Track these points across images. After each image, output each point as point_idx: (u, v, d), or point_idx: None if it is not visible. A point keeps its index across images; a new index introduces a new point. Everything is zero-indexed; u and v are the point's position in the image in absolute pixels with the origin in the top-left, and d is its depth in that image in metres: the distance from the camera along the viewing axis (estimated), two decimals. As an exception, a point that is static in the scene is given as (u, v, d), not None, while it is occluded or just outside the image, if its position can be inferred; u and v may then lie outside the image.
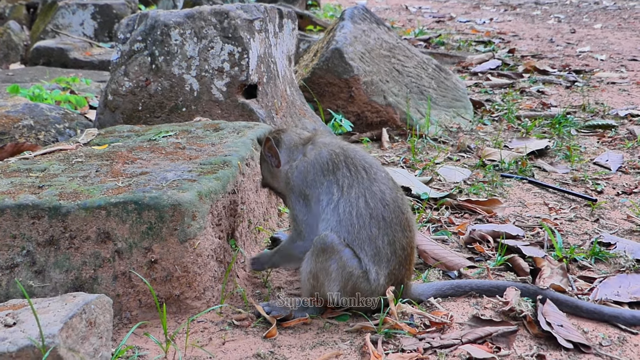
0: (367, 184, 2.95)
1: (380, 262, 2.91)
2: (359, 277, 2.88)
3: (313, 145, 3.12)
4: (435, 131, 6.05)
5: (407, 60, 6.67)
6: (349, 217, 2.90)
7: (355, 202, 2.91)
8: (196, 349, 2.76)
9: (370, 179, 2.97)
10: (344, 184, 2.95)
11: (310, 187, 3.02)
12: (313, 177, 3.01)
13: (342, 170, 2.98)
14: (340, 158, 3.01)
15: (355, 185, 2.94)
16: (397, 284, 2.97)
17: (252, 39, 4.66)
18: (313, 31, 11.11)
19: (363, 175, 2.97)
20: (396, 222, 2.94)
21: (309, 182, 3.02)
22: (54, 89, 6.59)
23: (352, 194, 2.93)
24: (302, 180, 3.03)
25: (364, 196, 2.92)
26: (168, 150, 3.58)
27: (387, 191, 2.97)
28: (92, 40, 10.14)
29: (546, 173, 5.15)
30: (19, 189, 3.08)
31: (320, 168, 3.01)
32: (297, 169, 3.06)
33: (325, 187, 2.98)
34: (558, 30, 14.13)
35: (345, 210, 2.91)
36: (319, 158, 3.03)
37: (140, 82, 4.61)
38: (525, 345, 2.81)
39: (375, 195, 2.93)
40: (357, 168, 2.98)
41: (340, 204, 2.92)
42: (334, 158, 3.01)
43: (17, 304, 2.59)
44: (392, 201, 2.96)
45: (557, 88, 8.44)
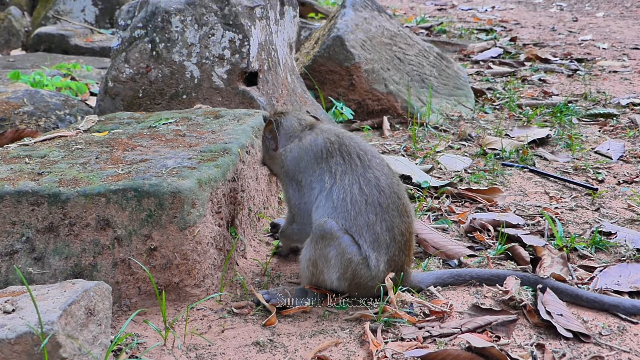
0: (361, 171, 2.96)
1: (380, 249, 2.90)
2: (358, 263, 2.88)
3: (311, 131, 3.16)
4: (436, 119, 6.03)
5: (408, 48, 6.64)
6: (344, 204, 2.91)
7: (350, 189, 2.92)
8: (195, 337, 2.76)
9: (365, 166, 2.98)
10: (337, 172, 2.97)
11: (302, 173, 3.07)
12: (306, 163, 3.06)
13: (335, 158, 3.00)
14: (335, 146, 3.03)
15: (348, 173, 2.96)
16: (397, 270, 2.97)
17: (253, 26, 4.64)
18: (314, 19, 11.07)
19: (357, 163, 2.98)
20: (393, 207, 2.94)
21: (302, 168, 3.07)
22: (54, 75, 6.58)
23: (346, 181, 2.94)
24: (295, 166, 3.09)
25: (357, 183, 2.93)
26: (168, 138, 3.57)
27: (382, 177, 2.97)
28: (93, 27, 10.10)
29: (547, 162, 5.14)
30: (18, 175, 3.07)
31: (314, 155, 3.05)
32: (290, 153, 3.12)
33: (317, 174, 3.02)
34: (560, 18, 14.08)
35: (339, 197, 2.92)
36: (313, 145, 3.07)
37: (141, 69, 4.60)
38: (525, 335, 2.81)
39: (369, 182, 2.94)
40: (351, 156, 3.00)
41: (334, 191, 2.94)
42: (328, 146, 3.05)
43: (16, 291, 2.59)
44: (388, 187, 2.96)
45: (559, 76, 8.41)
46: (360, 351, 2.69)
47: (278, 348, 2.71)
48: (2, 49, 10.27)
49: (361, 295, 2.99)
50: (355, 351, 2.69)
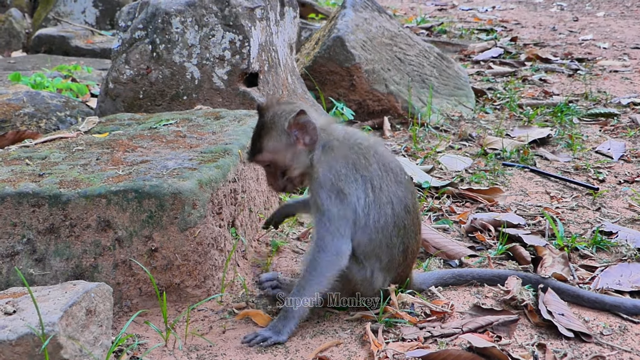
0: (395, 187, 2.86)
1: (391, 270, 2.91)
2: (363, 282, 2.89)
3: (335, 133, 2.91)
4: (437, 120, 6.03)
5: (408, 49, 6.64)
6: (375, 224, 2.81)
7: (384, 208, 2.82)
8: (196, 338, 2.76)
9: (397, 181, 2.87)
10: (375, 184, 2.82)
11: (343, 181, 2.80)
12: (346, 171, 2.81)
13: (373, 166, 2.84)
14: (371, 152, 2.87)
15: (384, 188, 2.83)
16: (402, 281, 2.98)
17: (253, 27, 4.65)
18: (315, 19, 11.07)
19: (391, 177, 2.86)
20: (413, 228, 2.92)
21: (342, 176, 2.80)
22: (55, 76, 6.58)
23: (383, 198, 2.82)
24: (335, 174, 2.80)
25: (391, 202, 2.83)
26: (169, 139, 3.57)
27: (409, 195, 2.90)
28: (93, 28, 10.11)
29: (548, 162, 5.14)
30: (19, 177, 3.08)
31: (353, 163, 2.83)
32: (327, 163, 2.82)
33: (360, 183, 2.82)
34: (560, 18, 14.07)
35: (373, 216, 2.81)
36: (351, 152, 2.85)
37: (141, 70, 4.60)
38: (526, 334, 2.81)
39: (401, 201, 2.86)
40: (386, 167, 2.87)
41: (372, 207, 2.81)
42: (364, 153, 2.86)
43: (17, 292, 2.59)
44: (413, 206, 2.92)
45: (560, 76, 8.41)
46: (361, 352, 2.69)
47: (279, 348, 2.71)
48: (2, 50, 10.28)
49: (362, 297, 2.98)
50: (357, 351, 2.69)
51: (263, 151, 2.85)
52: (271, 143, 2.83)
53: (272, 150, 2.84)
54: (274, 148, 2.84)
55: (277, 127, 2.82)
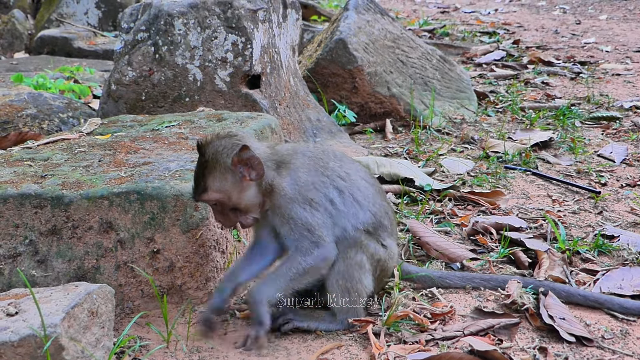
0: (356, 165, 2.99)
1: (393, 234, 3.00)
2: (385, 258, 2.93)
3: (281, 151, 2.88)
4: (439, 122, 6.03)
5: (411, 51, 6.65)
6: (365, 199, 2.88)
7: (361, 185, 2.89)
8: (198, 339, 2.76)
9: (352, 164, 3.00)
10: (341, 174, 2.88)
11: (315, 191, 2.79)
12: (313, 179, 2.80)
13: (330, 164, 2.88)
14: (319, 151, 2.96)
15: (350, 171, 2.91)
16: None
17: (256, 29, 4.65)
18: (317, 21, 11.07)
19: (353, 167, 2.97)
20: (382, 195, 3.04)
21: (311, 187, 2.79)
22: (57, 78, 6.59)
23: (356, 179, 2.90)
24: (304, 186, 2.78)
25: (360, 176, 2.93)
26: (171, 141, 3.57)
27: (364, 173, 3.02)
28: (96, 30, 10.13)
29: (550, 165, 5.14)
30: (21, 178, 3.08)
31: (315, 169, 2.84)
32: (290, 177, 2.79)
33: (327, 183, 2.83)
34: (563, 21, 14.08)
35: (359, 195, 2.87)
36: (305, 160, 2.85)
37: (144, 71, 4.60)
38: (528, 338, 2.81)
39: (366, 172, 3.01)
40: (336, 157, 2.96)
41: (353, 191, 2.86)
42: (317, 155, 2.89)
43: (19, 293, 2.60)
44: (371, 177, 3.04)
45: (562, 79, 8.41)
46: (362, 354, 2.69)
47: (280, 350, 2.71)
48: (5, 51, 10.29)
49: (381, 283, 3.03)
50: (358, 354, 2.69)
51: (208, 190, 2.71)
52: (216, 182, 2.70)
53: (218, 190, 2.71)
54: (219, 187, 2.71)
55: (220, 165, 2.69)
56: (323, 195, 2.80)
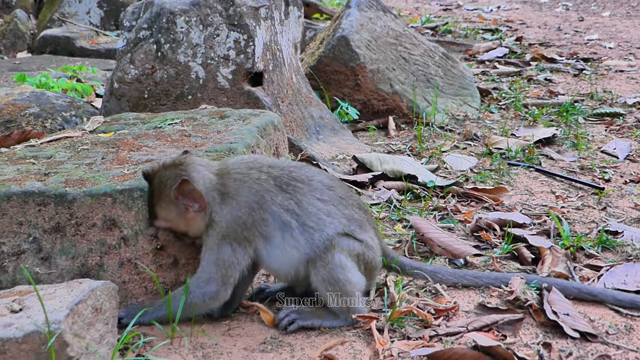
0: (307, 188, 2.84)
1: (365, 227, 2.93)
2: (363, 251, 2.87)
3: (231, 178, 2.81)
4: (442, 119, 6.03)
5: (413, 48, 6.64)
6: (320, 220, 2.81)
7: (315, 208, 2.82)
8: (202, 336, 2.77)
9: (307, 183, 2.86)
10: (291, 206, 2.80)
11: (252, 228, 2.76)
12: (253, 217, 2.75)
13: (279, 196, 2.80)
14: (271, 183, 2.81)
15: (302, 198, 2.82)
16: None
17: (258, 26, 4.65)
18: (319, 19, 11.07)
19: (299, 186, 2.84)
20: (347, 193, 2.98)
21: (250, 224, 2.75)
22: (60, 77, 6.59)
23: (306, 206, 2.81)
24: (241, 224, 2.75)
25: (314, 198, 2.83)
26: (174, 138, 3.57)
27: (324, 178, 2.94)
28: (98, 29, 10.13)
29: (553, 161, 5.13)
30: (25, 176, 3.08)
31: (257, 204, 2.77)
32: (229, 213, 2.76)
33: (272, 222, 2.77)
34: (566, 18, 14.06)
35: (312, 220, 2.80)
36: (250, 195, 2.78)
37: (146, 69, 4.60)
38: (532, 333, 2.80)
39: (322, 190, 2.87)
40: (289, 184, 2.83)
41: (305, 221, 2.79)
42: (265, 187, 2.79)
43: (23, 290, 2.60)
44: (331, 180, 2.97)
45: (565, 76, 8.40)
46: (366, 350, 2.69)
47: (284, 347, 2.71)
48: (8, 51, 10.30)
49: (372, 276, 2.99)
50: (362, 350, 2.69)
51: (158, 218, 2.81)
52: (163, 212, 2.79)
53: (165, 219, 2.80)
54: (165, 217, 2.80)
55: (164, 196, 2.75)
56: (259, 233, 2.77)
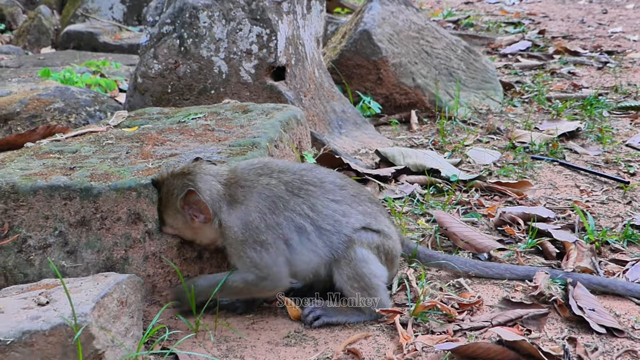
0: (320, 190, 2.83)
1: (379, 219, 2.93)
2: (382, 241, 2.87)
3: (239, 186, 2.80)
4: (465, 113, 6.00)
5: (435, 42, 6.61)
6: (337, 223, 2.81)
7: (331, 210, 2.81)
8: (226, 330, 2.78)
9: (319, 185, 2.84)
10: (306, 210, 2.79)
11: (268, 232, 2.73)
12: (266, 222, 2.73)
13: (292, 201, 2.78)
14: (282, 188, 2.78)
15: (316, 201, 2.80)
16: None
17: (280, 20, 4.65)
18: (341, 14, 11.04)
19: (311, 189, 2.82)
20: (358, 189, 2.98)
21: (264, 228, 2.73)
22: (84, 72, 6.64)
23: (320, 209, 2.80)
24: (254, 229, 2.72)
25: (328, 200, 2.83)
26: (197, 132, 3.59)
27: (336, 178, 2.93)
28: (121, 24, 10.18)
29: (577, 155, 5.09)
30: (51, 170, 3.11)
31: (269, 210, 2.75)
32: (239, 219, 2.74)
33: (287, 225, 2.76)
34: (589, 10, 13.91)
35: (329, 223, 2.80)
36: (260, 200, 2.75)
37: (169, 64, 4.62)
38: (557, 328, 2.79)
39: (334, 191, 2.86)
40: (301, 189, 2.81)
41: (320, 225, 2.79)
42: (276, 193, 2.77)
43: (49, 284, 2.63)
44: (342, 179, 2.96)
45: (589, 69, 8.31)
46: (390, 344, 2.68)
47: (308, 341, 2.72)
48: (32, 47, 10.39)
49: (393, 265, 2.97)
50: (385, 344, 2.69)
51: (166, 225, 2.84)
52: (170, 220, 2.80)
53: (173, 226, 2.82)
54: (173, 224, 2.81)
55: (171, 205, 2.76)
56: (277, 236, 2.74)
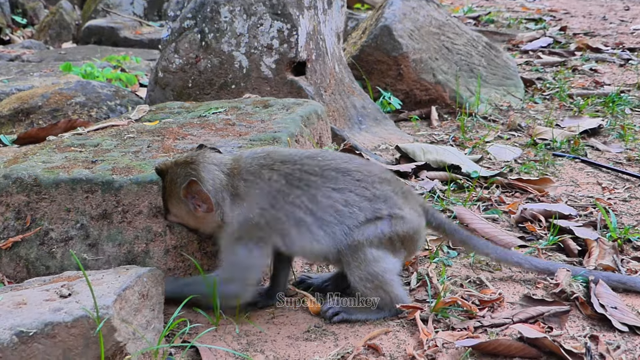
0: (320, 180, 2.75)
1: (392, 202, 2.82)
2: (394, 229, 2.79)
3: (242, 178, 2.76)
4: (485, 109, 5.96)
5: (456, 38, 6.58)
6: (339, 211, 2.74)
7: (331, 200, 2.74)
8: (246, 324, 2.78)
9: (320, 174, 2.76)
10: (306, 202, 2.73)
11: (266, 229, 2.72)
12: (266, 218, 2.71)
13: (292, 194, 2.73)
14: (282, 182, 2.73)
15: (316, 192, 2.74)
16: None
17: (301, 15, 4.64)
18: (361, 9, 11.03)
19: (312, 179, 2.75)
20: (365, 172, 2.83)
21: (263, 225, 2.71)
22: (105, 67, 6.68)
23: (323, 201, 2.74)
24: (253, 226, 2.71)
25: (330, 189, 2.75)
26: (218, 127, 3.59)
27: (342, 164, 2.81)
28: (141, 20, 10.23)
29: (599, 152, 5.05)
30: (72, 163, 3.13)
31: (269, 205, 2.72)
32: (240, 215, 2.73)
33: (287, 220, 2.72)
34: (611, 7, 13.78)
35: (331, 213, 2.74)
36: (262, 196, 2.72)
37: (190, 59, 4.64)
38: (578, 326, 2.77)
39: (336, 179, 2.77)
40: (301, 180, 2.75)
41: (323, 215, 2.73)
42: (276, 187, 2.73)
43: (71, 276, 2.64)
44: (350, 160, 2.87)
45: (611, 66, 8.24)
46: (410, 340, 2.68)
47: (328, 335, 2.71)
48: (53, 41, 10.46)
49: (412, 246, 2.90)
50: (406, 340, 2.68)
51: (170, 214, 2.83)
52: (174, 209, 2.80)
53: (176, 215, 2.82)
54: (176, 213, 2.81)
55: (174, 194, 2.75)
56: (274, 231, 2.72)
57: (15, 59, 8.66)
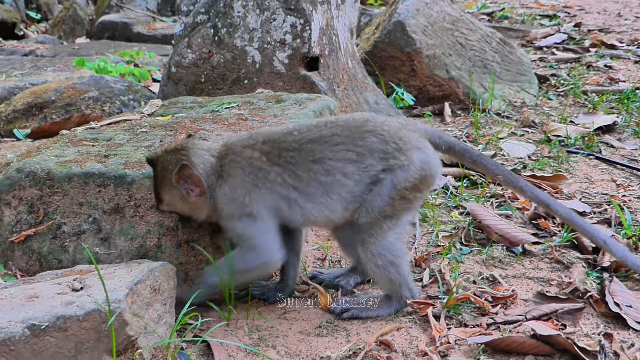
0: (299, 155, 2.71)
1: (387, 153, 2.72)
2: (405, 178, 2.71)
3: (227, 160, 2.78)
4: (499, 106, 5.93)
5: (470, 34, 6.54)
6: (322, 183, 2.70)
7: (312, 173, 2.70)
8: (258, 319, 2.78)
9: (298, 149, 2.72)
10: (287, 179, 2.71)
11: (250, 205, 2.71)
12: (250, 197, 2.71)
13: (275, 170, 2.71)
14: (263, 159, 2.72)
15: (296, 168, 2.71)
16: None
17: (315, 10, 4.63)
18: (374, 5, 11.01)
19: (291, 154, 2.72)
20: (351, 134, 2.73)
21: (247, 203, 2.71)
22: (118, 62, 6.69)
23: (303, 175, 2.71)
24: (239, 204, 2.72)
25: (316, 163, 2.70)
26: (231, 122, 3.59)
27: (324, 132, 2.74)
28: (155, 15, 10.24)
29: (614, 149, 5.01)
30: (85, 157, 3.13)
31: (251, 184, 2.72)
32: (224, 195, 2.74)
33: (270, 197, 2.72)
34: (626, 3, 13.68)
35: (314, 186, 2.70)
36: (243, 175, 2.73)
37: (203, 54, 4.63)
38: (592, 323, 2.74)
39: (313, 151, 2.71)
40: (281, 156, 2.72)
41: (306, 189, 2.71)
42: (257, 165, 2.73)
43: (84, 270, 2.65)
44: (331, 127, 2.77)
45: (626, 63, 8.17)
46: (422, 336, 2.66)
47: (340, 331, 2.71)
48: (67, 37, 10.50)
49: (424, 187, 2.78)
50: (418, 336, 2.67)
51: (163, 203, 2.83)
52: (166, 196, 2.80)
53: (169, 204, 2.81)
54: (169, 201, 2.80)
55: (166, 181, 2.76)
56: (263, 207, 2.71)
57: (29, 53, 8.71)
